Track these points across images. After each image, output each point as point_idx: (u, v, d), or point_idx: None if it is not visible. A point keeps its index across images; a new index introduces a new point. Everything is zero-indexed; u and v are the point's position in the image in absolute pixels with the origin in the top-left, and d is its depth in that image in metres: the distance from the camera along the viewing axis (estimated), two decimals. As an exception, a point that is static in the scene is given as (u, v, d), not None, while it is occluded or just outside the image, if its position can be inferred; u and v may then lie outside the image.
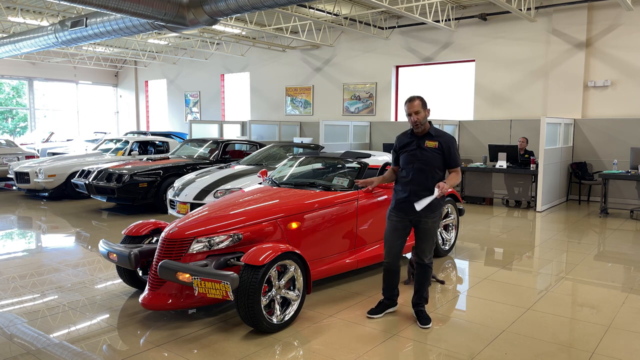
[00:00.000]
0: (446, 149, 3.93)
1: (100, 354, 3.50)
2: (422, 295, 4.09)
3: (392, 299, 4.23)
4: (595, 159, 10.74)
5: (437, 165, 3.93)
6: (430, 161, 3.93)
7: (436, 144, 3.92)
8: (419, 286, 4.09)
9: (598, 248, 6.63)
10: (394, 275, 4.15)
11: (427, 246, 4.03)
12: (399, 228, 4.04)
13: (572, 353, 3.53)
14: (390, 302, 4.23)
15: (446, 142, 3.94)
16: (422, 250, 4.04)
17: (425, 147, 3.93)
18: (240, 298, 3.61)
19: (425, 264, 4.05)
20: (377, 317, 4.14)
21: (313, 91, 15.76)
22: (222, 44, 16.89)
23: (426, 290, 4.11)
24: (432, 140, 3.93)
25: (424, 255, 4.03)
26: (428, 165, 3.92)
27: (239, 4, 7.64)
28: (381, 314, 4.17)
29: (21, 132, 21.27)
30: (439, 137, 3.95)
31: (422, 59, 13.44)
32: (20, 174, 10.42)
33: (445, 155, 3.94)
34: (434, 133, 3.96)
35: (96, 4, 7.21)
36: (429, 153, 3.93)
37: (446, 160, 3.96)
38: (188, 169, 9.24)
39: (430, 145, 3.92)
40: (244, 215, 4.28)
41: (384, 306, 4.21)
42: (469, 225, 8.14)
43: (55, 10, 11.72)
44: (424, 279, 4.08)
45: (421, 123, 3.90)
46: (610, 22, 10.70)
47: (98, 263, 5.78)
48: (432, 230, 4.02)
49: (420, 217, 3.95)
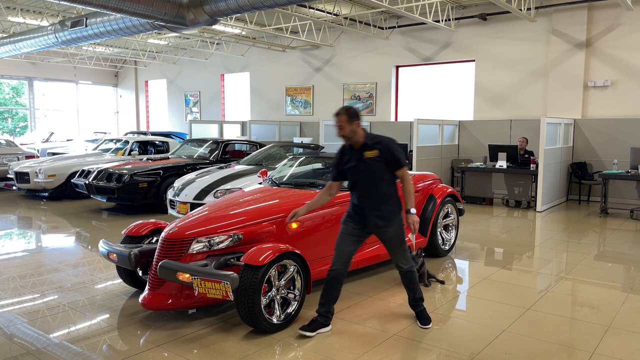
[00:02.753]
0: (387, 154, 3.72)
1: (100, 354, 3.50)
2: (416, 296, 4.02)
3: (327, 317, 3.86)
4: (595, 159, 10.74)
5: (383, 174, 3.75)
6: (375, 172, 3.73)
7: (376, 152, 3.71)
8: (409, 291, 4.02)
9: (598, 248, 6.63)
10: (337, 285, 3.83)
11: (398, 254, 3.89)
12: (354, 234, 3.85)
13: (572, 353, 3.53)
14: (324, 320, 3.84)
15: (385, 147, 3.72)
16: (396, 259, 3.92)
17: (366, 159, 3.73)
18: (240, 298, 3.61)
19: (405, 271, 3.94)
20: (308, 334, 3.75)
21: (313, 91, 15.76)
22: (222, 44, 16.89)
23: (418, 291, 4.02)
24: (371, 149, 3.72)
25: (401, 263, 3.92)
26: (374, 176, 3.74)
27: (239, 4, 7.64)
28: (313, 332, 3.76)
29: (21, 132, 21.28)
30: (377, 145, 3.73)
31: (422, 59, 13.44)
32: (20, 174, 10.42)
33: (387, 161, 3.73)
34: (370, 142, 3.73)
35: (96, 4, 7.21)
36: (371, 164, 3.73)
37: (390, 165, 3.75)
38: (188, 169, 9.24)
39: (370, 156, 3.72)
40: (244, 215, 4.28)
41: (317, 324, 3.81)
42: (469, 225, 8.14)
43: (55, 10, 11.72)
44: (411, 283, 3.98)
45: (348, 137, 3.70)
46: (610, 22, 10.70)
47: (98, 263, 5.78)
48: (396, 237, 3.86)
49: (379, 227, 3.81)
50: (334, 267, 3.84)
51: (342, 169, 3.87)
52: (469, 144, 12.13)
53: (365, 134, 3.77)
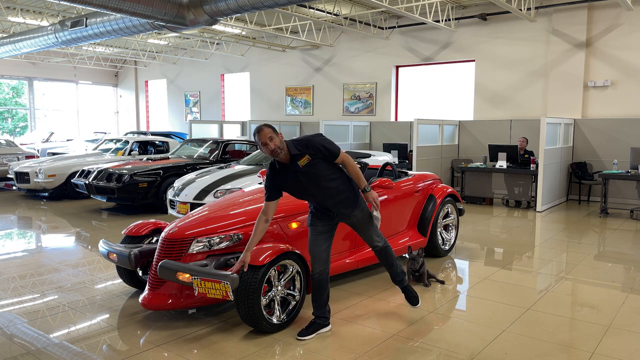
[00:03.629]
0: (320, 152, 3.57)
1: (100, 354, 3.50)
2: (397, 271, 4.06)
3: (325, 316, 3.86)
4: (595, 159, 10.74)
5: (327, 172, 3.62)
6: (316, 175, 3.58)
7: (307, 157, 3.54)
8: (388, 267, 4.04)
9: (598, 248, 6.63)
10: (324, 286, 3.80)
11: (370, 233, 3.91)
12: (324, 232, 3.79)
13: (572, 353, 3.53)
14: (323, 320, 3.84)
15: (314, 147, 3.55)
16: (369, 239, 3.94)
17: (302, 168, 3.55)
18: (240, 298, 3.61)
19: (381, 248, 3.96)
20: (308, 338, 3.72)
21: (313, 91, 15.76)
22: (222, 44, 16.89)
23: (398, 266, 4.06)
24: (301, 157, 3.54)
25: (374, 241, 3.94)
26: (318, 180, 3.59)
27: (239, 4, 7.64)
28: (312, 335, 3.75)
29: (21, 132, 21.28)
30: (304, 149, 3.54)
31: (422, 59, 13.44)
32: (20, 174, 10.42)
33: (322, 157, 3.59)
34: (297, 150, 3.54)
35: (96, 4, 7.21)
36: (308, 171, 3.56)
37: (328, 159, 3.62)
38: (188, 169, 9.25)
39: (304, 163, 3.54)
40: (244, 215, 4.28)
41: (316, 326, 3.80)
42: (469, 225, 8.14)
43: (55, 10, 11.72)
44: (388, 258, 4.01)
45: (280, 148, 3.48)
46: (610, 22, 10.70)
47: (98, 263, 5.79)
48: (364, 217, 3.84)
49: (348, 216, 3.78)
50: (315, 270, 3.78)
51: (279, 187, 3.67)
52: (469, 144, 12.13)
53: (288, 145, 3.55)
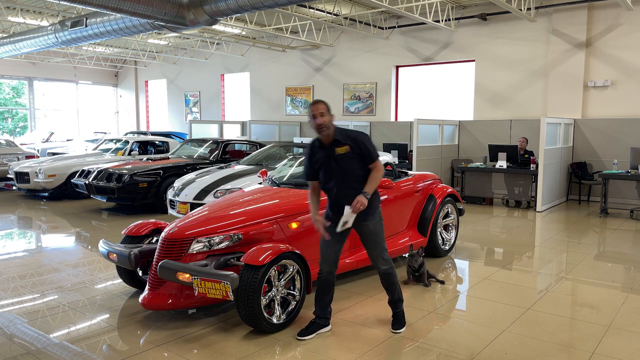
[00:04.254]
0: (358, 149, 3.65)
1: (100, 354, 3.50)
2: (394, 298, 3.92)
3: (326, 317, 3.87)
4: (595, 159, 10.74)
5: (356, 170, 3.67)
6: (347, 168, 3.66)
7: (347, 148, 3.63)
8: (387, 292, 3.92)
9: (598, 248, 6.63)
10: (330, 287, 3.83)
11: (376, 253, 3.79)
12: (336, 234, 3.77)
13: (572, 353, 3.53)
14: (323, 321, 3.86)
15: (356, 142, 3.65)
16: (373, 258, 3.82)
17: (337, 155, 3.65)
18: (240, 298, 3.61)
19: (384, 272, 3.82)
20: (308, 338, 3.74)
21: (313, 91, 15.75)
22: (222, 44, 16.88)
23: (397, 293, 3.91)
24: (342, 145, 3.64)
25: (378, 263, 3.80)
26: (347, 172, 3.66)
27: (239, 4, 7.64)
28: (312, 334, 3.77)
29: (21, 132, 21.28)
30: (348, 139, 3.65)
31: (422, 59, 13.44)
32: (20, 174, 10.42)
33: (360, 155, 3.66)
34: (341, 137, 3.66)
35: (96, 4, 7.21)
36: (343, 160, 3.65)
37: (363, 159, 3.67)
38: (188, 169, 9.24)
39: (341, 152, 3.64)
40: (244, 215, 4.28)
41: (316, 326, 3.82)
42: (469, 225, 8.14)
43: (55, 10, 11.72)
44: (390, 284, 3.87)
45: (326, 126, 3.58)
46: (610, 22, 10.70)
47: (98, 263, 5.78)
48: (375, 233, 3.77)
49: (359, 223, 3.72)
50: (323, 270, 3.80)
51: (315, 166, 3.78)
52: (469, 144, 12.13)
53: (335, 129, 3.68)
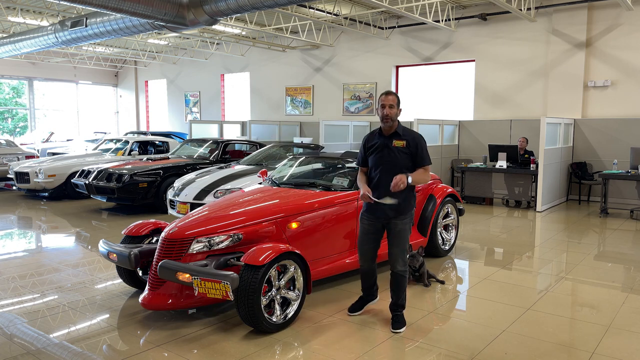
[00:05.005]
0: (414, 148, 3.80)
1: (100, 354, 3.50)
2: (398, 302, 3.95)
3: (372, 293, 4.27)
4: (595, 159, 10.74)
5: (405, 166, 3.79)
6: (397, 162, 3.79)
7: (404, 143, 3.79)
8: (394, 295, 3.95)
9: (598, 248, 6.63)
10: (371, 276, 4.17)
11: (397, 251, 3.86)
12: (371, 232, 3.95)
13: (572, 353, 3.53)
14: (370, 297, 4.26)
15: (414, 141, 3.81)
16: (392, 256, 3.88)
17: (393, 147, 3.80)
18: (240, 298, 3.61)
19: (397, 273, 3.89)
20: (358, 313, 4.16)
21: (313, 91, 15.76)
22: (222, 44, 16.88)
23: (402, 298, 3.94)
24: (400, 139, 3.80)
25: (396, 262, 3.87)
26: (396, 166, 3.78)
27: (239, 4, 7.64)
28: (361, 309, 4.20)
29: (21, 132, 21.27)
30: (407, 136, 3.82)
31: (422, 59, 13.44)
32: (20, 174, 10.42)
33: (413, 154, 3.81)
34: (401, 132, 3.83)
35: (96, 4, 7.21)
36: (396, 153, 3.80)
37: (415, 159, 3.82)
38: (188, 169, 9.24)
39: (397, 145, 3.80)
40: (244, 215, 4.27)
41: (364, 301, 4.24)
42: (469, 225, 8.14)
43: (55, 10, 11.72)
44: (398, 288, 3.91)
45: (392, 118, 3.77)
46: (610, 22, 10.70)
47: (98, 263, 5.78)
48: (402, 233, 3.85)
49: (390, 219, 3.85)
50: (362, 265, 4.11)
51: (367, 152, 3.95)
52: (469, 144, 12.13)
53: (399, 124, 3.87)
